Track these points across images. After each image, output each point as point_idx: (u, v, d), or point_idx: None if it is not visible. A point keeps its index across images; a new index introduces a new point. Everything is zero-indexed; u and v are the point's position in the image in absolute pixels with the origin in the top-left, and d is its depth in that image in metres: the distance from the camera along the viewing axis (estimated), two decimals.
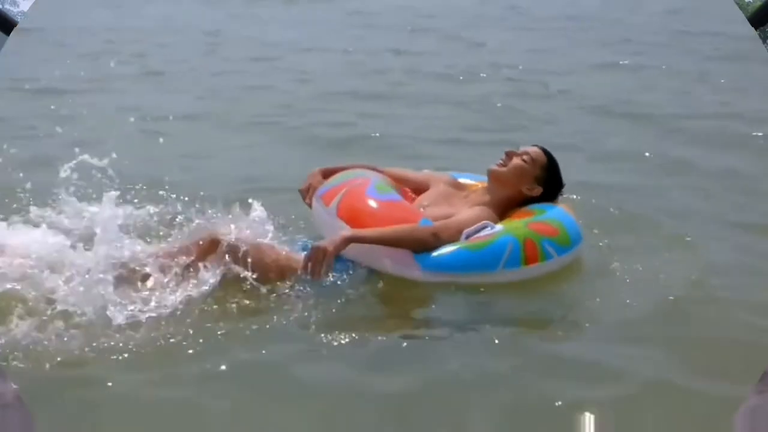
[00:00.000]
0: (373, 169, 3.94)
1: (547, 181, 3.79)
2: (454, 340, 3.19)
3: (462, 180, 4.03)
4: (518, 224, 3.57)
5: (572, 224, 3.70)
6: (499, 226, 3.54)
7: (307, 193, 3.90)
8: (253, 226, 3.54)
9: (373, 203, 3.57)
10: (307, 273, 3.30)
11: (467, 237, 3.50)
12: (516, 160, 3.74)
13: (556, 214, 3.68)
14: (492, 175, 3.77)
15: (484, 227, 3.53)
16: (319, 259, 3.29)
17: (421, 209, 3.70)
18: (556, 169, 3.83)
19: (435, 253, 3.42)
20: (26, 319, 3.04)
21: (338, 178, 3.80)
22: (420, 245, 3.43)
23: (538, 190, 3.77)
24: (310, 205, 3.86)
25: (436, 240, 3.45)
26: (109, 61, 9.51)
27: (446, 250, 3.44)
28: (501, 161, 3.76)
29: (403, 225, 3.45)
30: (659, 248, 4.03)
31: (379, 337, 3.17)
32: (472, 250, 3.45)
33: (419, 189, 3.97)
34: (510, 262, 3.45)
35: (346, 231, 3.40)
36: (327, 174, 3.92)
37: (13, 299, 3.13)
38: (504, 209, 3.72)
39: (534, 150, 3.79)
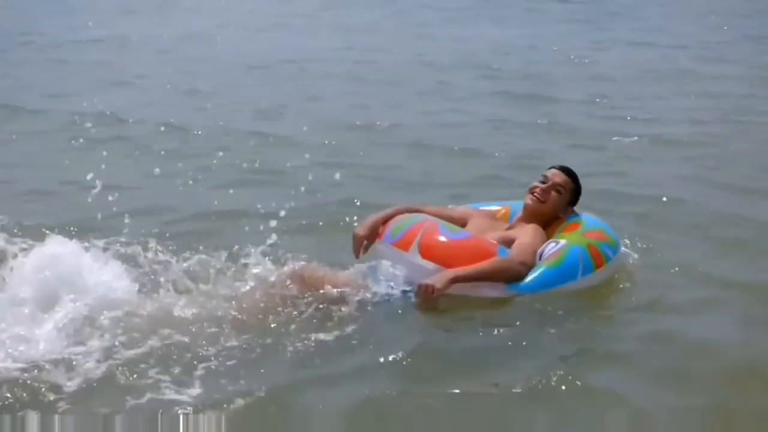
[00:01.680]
0: (416, 210, 4.38)
1: (575, 199, 4.38)
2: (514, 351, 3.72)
3: (486, 209, 4.56)
4: (576, 236, 4.14)
5: (611, 229, 4.30)
6: (563, 241, 4.11)
7: (360, 241, 4.26)
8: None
9: (451, 242, 4.07)
10: (419, 305, 3.93)
11: (541, 256, 4.06)
12: (553, 195, 4.27)
13: (597, 223, 4.27)
14: (532, 210, 4.28)
15: (550, 245, 4.10)
16: (429, 294, 3.88)
17: None
18: (579, 186, 4.39)
19: (526, 280, 3.98)
20: None
21: (403, 224, 4.21)
22: (513, 275, 3.98)
23: (570, 211, 4.34)
24: (357, 255, 4.27)
25: (525, 268, 4.01)
26: None
27: (534, 275, 4.00)
28: (537, 195, 4.26)
29: (493, 260, 3.98)
30: None
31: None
32: (553, 267, 4.02)
33: (457, 224, 4.35)
34: (585, 270, 4.05)
35: (450, 272, 3.92)
36: (380, 224, 4.31)
37: None
38: (544, 227, 4.29)
39: (563, 178, 4.31)
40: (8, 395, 3.18)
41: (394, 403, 3.30)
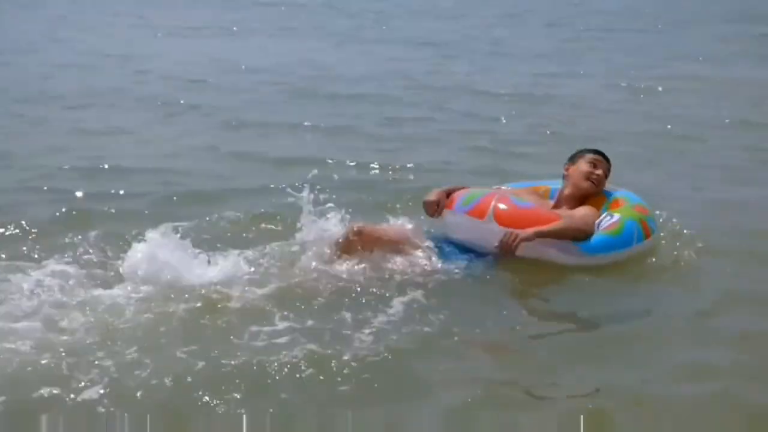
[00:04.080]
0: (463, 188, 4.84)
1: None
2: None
3: (529, 187, 5.06)
4: (627, 210, 4.75)
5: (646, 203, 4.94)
6: (617, 215, 4.72)
7: (434, 206, 4.74)
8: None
9: (523, 210, 4.57)
10: (499, 250, 4.42)
11: (599, 226, 4.67)
12: (604, 180, 4.88)
13: (637, 198, 4.88)
14: (586, 192, 4.84)
15: (605, 217, 4.72)
16: (512, 241, 4.37)
17: None
18: None
19: (591, 241, 4.56)
20: None
21: (474, 195, 4.69)
22: (580, 234, 4.56)
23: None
24: (432, 215, 4.77)
25: (590, 230, 4.61)
26: None
27: (597, 237, 4.59)
28: (595, 182, 4.83)
29: (565, 220, 4.57)
30: None
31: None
32: (614, 234, 4.62)
33: None
34: (638, 239, 4.69)
35: (531, 229, 4.42)
36: (448, 193, 4.79)
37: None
38: (588, 201, 4.85)
39: (606, 166, 4.93)
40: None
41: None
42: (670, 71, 12.13)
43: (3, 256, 4.43)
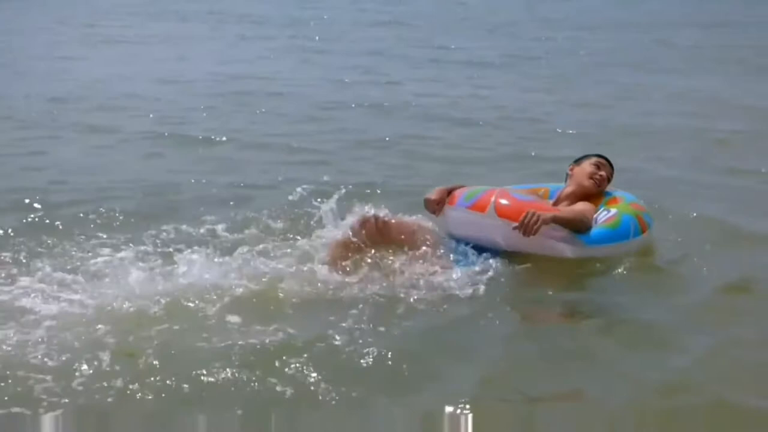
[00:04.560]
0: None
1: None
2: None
3: (529, 188, 5.12)
4: (624, 206, 4.86)
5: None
6: (614, 209, 4.80)
7: (435, 203, 4.81)
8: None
9: (524, 203, 4.56)
10: (520, 229, 4.37)
11: (596, 221, 4.75)
12: (605, 181, 4.99)
13: (632, 197, 4.98)
14: (588, 191, 4.93)
15: (602, 212, 4.81)
16: (534, 221, 4.33)
17: None
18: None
19: (591, 233, 4.63)
20: None
21: (475, 191, 4.73)
22: (585, 226, 4.61)
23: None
24: (434, 212, 4.84)
25: (590, 222, 4.68)
26: None
27: (596, 230, 4.67)
28: (598, 182, 4.94)
29: (573, 209, 4.68)
30: None
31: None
32: (612, 227, 4.72)
33: None
34: (635, 233, 4.76)
35: (549, 213, 4.45)
36: (445, 192, 4.87)
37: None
38: (588, 200, 4.92)
39: (610, 170, 5.05)
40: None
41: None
42: (616, 78, 12.21)
43: None
